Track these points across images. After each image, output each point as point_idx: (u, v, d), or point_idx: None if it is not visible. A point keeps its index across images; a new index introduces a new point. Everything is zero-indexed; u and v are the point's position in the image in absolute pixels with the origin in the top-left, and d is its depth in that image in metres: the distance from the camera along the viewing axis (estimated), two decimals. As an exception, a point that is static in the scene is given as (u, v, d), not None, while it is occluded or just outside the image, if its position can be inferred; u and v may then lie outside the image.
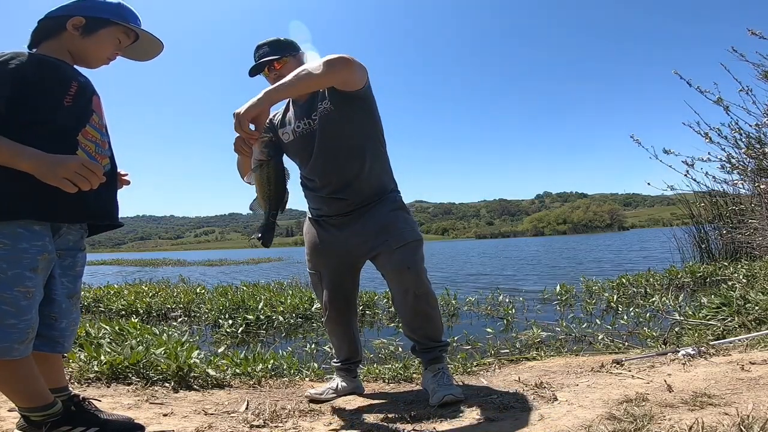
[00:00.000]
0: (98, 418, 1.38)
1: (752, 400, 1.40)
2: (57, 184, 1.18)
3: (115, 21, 1.37)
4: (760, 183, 4.20)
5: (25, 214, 1.20)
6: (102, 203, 1.36)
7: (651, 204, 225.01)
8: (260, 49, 1.90)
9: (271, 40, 1.91)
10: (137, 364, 2.18)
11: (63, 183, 1.18)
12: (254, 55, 1.92)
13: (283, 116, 1.99)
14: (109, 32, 1.38)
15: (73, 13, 1.32)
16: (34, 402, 1.27)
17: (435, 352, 1.90)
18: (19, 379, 1.25)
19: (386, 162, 1.99)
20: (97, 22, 1.35)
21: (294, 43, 1.94)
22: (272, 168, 1.58)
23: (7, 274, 1.16)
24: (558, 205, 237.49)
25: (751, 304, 3.01)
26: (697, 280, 5.73)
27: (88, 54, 1.38)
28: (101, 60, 1.42)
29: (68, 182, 1.18)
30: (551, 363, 2.47)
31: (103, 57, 1.41)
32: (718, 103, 3.68)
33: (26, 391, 1.27)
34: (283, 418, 1.64)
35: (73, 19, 1.32)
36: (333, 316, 2.03)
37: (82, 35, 1.33)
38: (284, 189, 1.63)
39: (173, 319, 5.16)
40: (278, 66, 1.86)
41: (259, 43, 1.93)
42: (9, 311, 1.15)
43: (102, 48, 1.39)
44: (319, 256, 2.00)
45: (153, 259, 32.66)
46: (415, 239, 1.85)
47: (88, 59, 1.39)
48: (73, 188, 1.18)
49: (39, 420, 1.27)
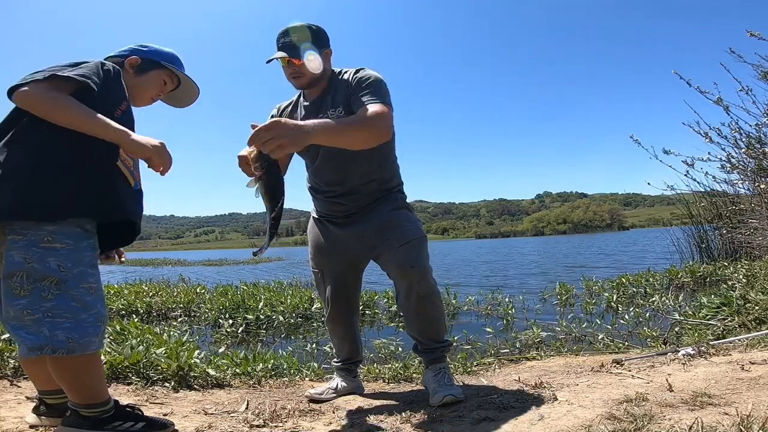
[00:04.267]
0: (143, 414, 1.40)
1: (752, 400, 1.40)
2: (144, 155, 1.30)
3: (164, 65, 1.54)
4: (760, 183, 4.20)
5: (84, 213, 1.26)
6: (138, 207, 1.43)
7: (651, 204, 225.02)
8: (285, 36, 1.75)
9: (299, 30, 1.75)
10: (137, 364, 2.18)
11: (151, 154, 1.30)
12: (277, 41, 1.76)
13: (291, 111, 1.93)
14: (158, 74, 1.54)
15: (133, 54, 1.51)
16: (97, 398, 1.29)
17: (437, 352, 1.89)
18: (90, 373, 1.28)
19: (393, 163, 1.98)
20: (150, 64, 1.52)
21: (322, 36, 1.80)
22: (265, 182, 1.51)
23: (73, 272, 1.22)
24: (558, 205, 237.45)
25: (751, 304, 3.01)
26: (697, 280, 5.73)
27: (137, 91, 1.51)
28: (146, 99, 1.55)
29: (156, 155, 1.30)
30: (551, 363, 2.48)
31: (148, 97, 1.55)
32: (718, 103, 3.68)
33: (93, 386, 1.29)
34: (283, 418, 1.64)
35: (131, 58, 1.50)
36: (334, 316, 2.02)
37: (136, 74, 1.50)
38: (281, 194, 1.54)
39: (173, 318, 5.15)
40: (298, 62, 1.75)
41: (286, 28, 1.76)
42: (78, 307, 1.22)
43: (149, 88, 1.54)
44: (323, 256, 1.99)
45: (153, 259, 32.64)
46: (418, 237, 1.83)
47: (136, 96, 1.51)
48: (159, 164, 1.31)
49: (93, 415, 1.28)
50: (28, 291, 1.18)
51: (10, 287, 1.19)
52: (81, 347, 1.21)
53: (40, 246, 1.19)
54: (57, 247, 1.20)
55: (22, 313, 1.18)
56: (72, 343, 1.20)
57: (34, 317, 1.18)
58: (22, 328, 1.19)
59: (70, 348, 1.20)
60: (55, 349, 1.18)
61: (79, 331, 1.21)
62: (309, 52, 1.74)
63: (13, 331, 1.21)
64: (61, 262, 1.20)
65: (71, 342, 1.19)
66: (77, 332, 1.20)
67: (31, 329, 1.18)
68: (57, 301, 1.19)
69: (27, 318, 1.18)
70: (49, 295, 1.18)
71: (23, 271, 1.18)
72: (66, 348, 1.19)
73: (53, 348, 1.18)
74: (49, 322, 1.18)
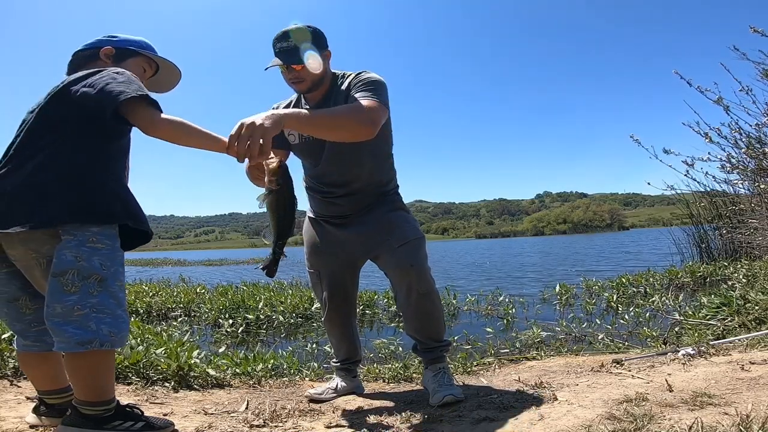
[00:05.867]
0: (143, 413, 1.41)
1: (752, 400, 1.40)
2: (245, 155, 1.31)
3: (140, 51, 1.54)
4: (760, 183, 4.20)
5: (122, 218, 1.32)
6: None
7: (651, 204, 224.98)
8: (283, 40, 1.67)
9: (298, 33, 1.68)
10: (137, 364, 2.18)
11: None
12: (274, 45, 1.69)
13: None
14: (136, 62, 1.54)
15: (103, 44, 1.51)
16: (105, 395, 1.30)
17: (436, 352, 1.90)
18: (109, 370, 1.31)
19: (392, 167, 1.98)
20: (125, 52, 1.53)
21: (321, 38, 1.74)
22: (282, 196, 1.44)
23: (110, 270, 1.29)
24: (558, 205, 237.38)
25: (751, 304, 3.01)
26: (697, 280, 5.73)
27: None
28: None
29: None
30: (551, 363, 2.48)
31: None
32: (719, 102, 3.68)
33: (106, 382, 1.31)
34: (283, 418, 1.64)
35: (105, 49, 1.50)
36: (332, 316, 2.02)
37: (113, 64, 1.48)
38: (292, 219, 1.48)
39: (173, 318, 5.15)
40: (299, 68, 1.70)
41: (283, 31, 1.68)
42: (115, 303, 1.29)
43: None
44: (319, 256, 1.99)
45: (153, 258, 32.64)
46: (417, 237, 1.83)
47: None
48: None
49: (94, 414, 1.29)
50: (78, 288, 1.23)
51: (61, 284, 1.23)
52: (119, 341, 1.29)
53: (87, 245, 1.26)
54: (99, 247, 1.27)
55: (72, 309, 1.22)
56: (113, 336, 1.26)
57: (83, 312, 1.23)
58: (68, 324, 1.22)
59: (113, 341, 1.26)
60: (102, 343, 1.23)
61: (117, 325, 1.28)
62: (309, 52, 1.69)
63: (58, 328, 1.23)
64: (103, 261, 1.28)
65: (113, 336, 1.26)
66: (116, 327, 1.27)
67: (78, 324, 1.22)
68: (100, 297, 1.26)
69: (76, 314, 1.22)
70: (94, 292, 1.25)
71: (75, 269, 1.24)
72: (110, 341, 1.25)
73: (101, 341, 1.23)
74: (95, 317, 1.24)
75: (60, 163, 1.28)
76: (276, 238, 1.47)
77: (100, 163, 1.33)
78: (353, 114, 1.59)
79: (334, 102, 1.79)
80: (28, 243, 1.27)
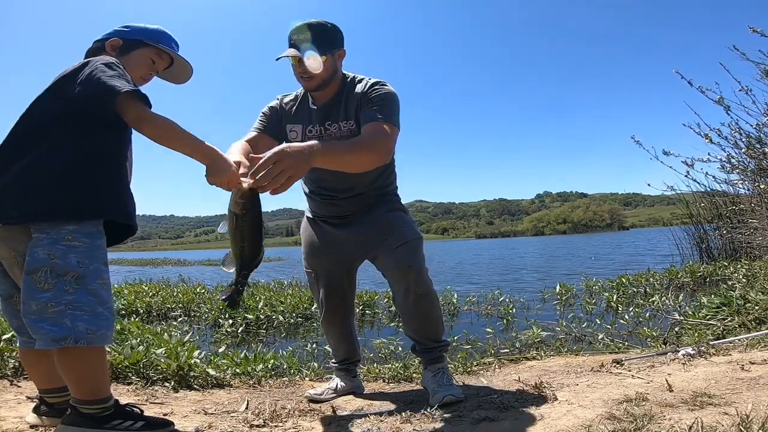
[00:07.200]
0: (142, 413, 1.41)
1: (752, 400, 1.40)
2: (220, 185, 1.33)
3: (148, 42, 1.51)
4: (760, 183, 4.20)
5: (106, 214, 1.32)
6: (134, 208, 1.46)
7: (651, 204, 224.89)
8: (299, 33, 1.67)
9: (315, 28, 1.67)
10: (137, 364, 2.17)
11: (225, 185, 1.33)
12: (290, 36, 1.69)
13: (296, 109, 1.86)
14: (143, 53, 1.51)
15: (112, 36, 1.50)
16: (100, 394, 1.30)
17: (435, 352, 1.90)
18: (98, 367, 1.30)
19: (394, 168, 1.98)
20: (132, 44, 1.50)
21: (337, 36, 1.73)
22: (247, 223, 1.34)
23: (90, 268, 1.27)
24: (558, 205, 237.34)
25: (751, 304, 3.01)
26: (697, 279, 5.73)
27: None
28: (135, 79, 1.51)
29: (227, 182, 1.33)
30: (551, 363, 2.48)
31: (137, 76, 1.51)
32: (719, 102, 3.67)
33: (99, 381, 1.31)
34: (283, 418, 1.64)
35: (112, 40, 1.49)
36: (329, 317, 2.02)
37: (118, 56, 1.46)
38: (259, 247, 1.39)
39: (173, 318, 5.15)
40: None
41: (299, 25, 1.68)
42: (95, 301, 1.27)
43: (135, 68, 1.50)
44: (316, 256, 1.99)
45: (153, 258, 32.64)
46: (415, 237, 1.83)
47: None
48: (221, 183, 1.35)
49: (92, 413, 1.29)
50: (52, 285, 1.23)
51: (34, 281, 1.23)
52: (99, 339, 1.27)
53: (62, 243, 1.25)
54: (76, 245, 1.26)
55: (45, 306, 1.22)
56: (91, 334, 1.24)
57: (57, 309, 1.22)
58: (44, 321, 1.22)
59: (90, 339, 1.24)
60: (77, 339, 1.22)
61: (96, 323, 1.26)
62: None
63: (35, 325, 1.23)
64: (80, 259, 1.26)
65: (90, 333, 1.24)
66: (95, 324, 1.25)
67: (53, 321, 1.22)
68: (77, 294, 1.24)
69: (50, 310, 1.22)
70: (70, 289, 1.24)
71: (47, 266, 1.23)
72: (86, 339, 1.24)
73: (75, 338, 1.22)
74: (70, 314, 1.23)
75: (52, 159, 1.27)
76: (239, 268, 1.38)
77: (93, 158, 1.31)
78: (373, 148, 1.61)
79: (345, 106, 1.78)
80: (9, 241, 1.28)
